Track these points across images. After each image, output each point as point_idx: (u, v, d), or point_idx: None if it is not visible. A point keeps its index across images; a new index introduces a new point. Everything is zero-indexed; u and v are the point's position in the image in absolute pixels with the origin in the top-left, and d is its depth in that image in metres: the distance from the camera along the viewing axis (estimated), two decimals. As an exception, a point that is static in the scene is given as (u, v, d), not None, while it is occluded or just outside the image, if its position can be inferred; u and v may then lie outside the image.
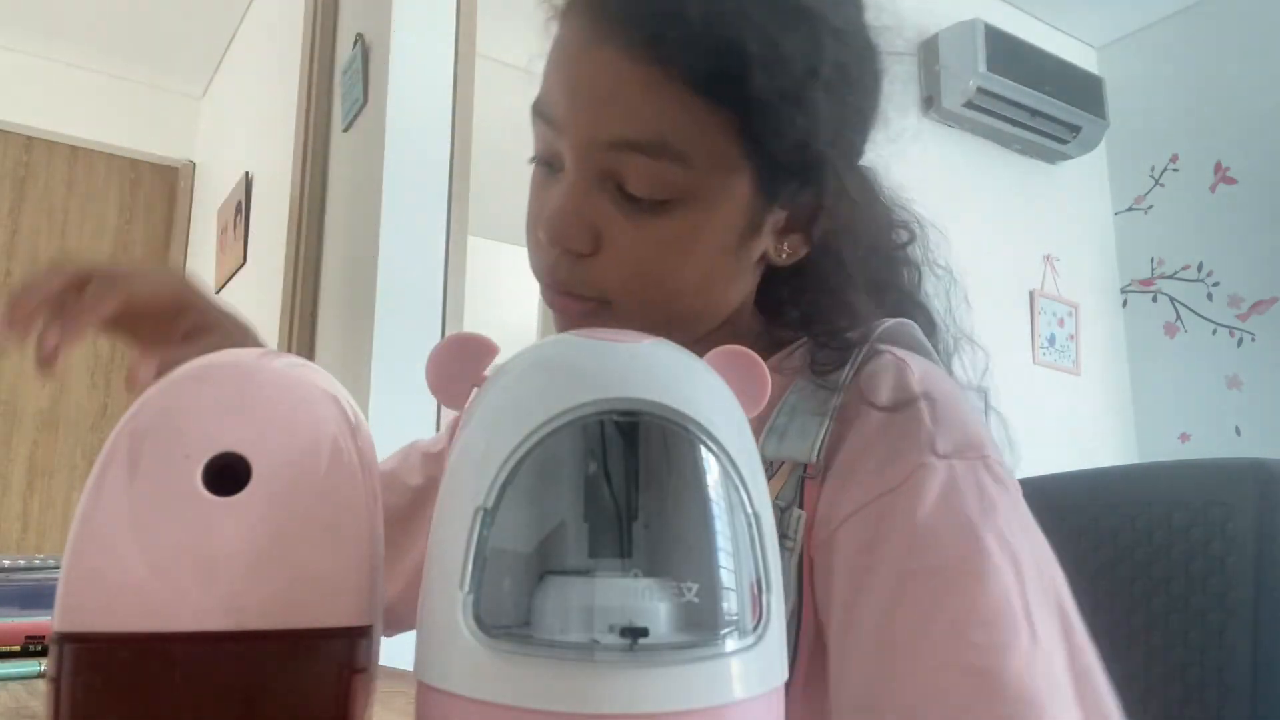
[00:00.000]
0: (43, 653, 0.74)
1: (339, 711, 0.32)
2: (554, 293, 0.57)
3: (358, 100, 1.90)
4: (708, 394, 0.31)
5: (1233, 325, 2.66)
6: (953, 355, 0.64)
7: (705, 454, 0.29)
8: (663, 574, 0.28)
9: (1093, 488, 0.86)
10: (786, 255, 0.59)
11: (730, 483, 0.29)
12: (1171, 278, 2.83)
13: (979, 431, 0.52)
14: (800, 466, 0.53)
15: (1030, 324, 2.71)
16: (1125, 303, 2.95)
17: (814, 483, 0.52)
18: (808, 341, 0.58)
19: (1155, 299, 2.87)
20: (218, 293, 3.07)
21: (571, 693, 0.26)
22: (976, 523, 0.46)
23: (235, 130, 3.27)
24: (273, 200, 2.55)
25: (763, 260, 0.59)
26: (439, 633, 0.28)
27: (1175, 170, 2.85)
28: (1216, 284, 2.71)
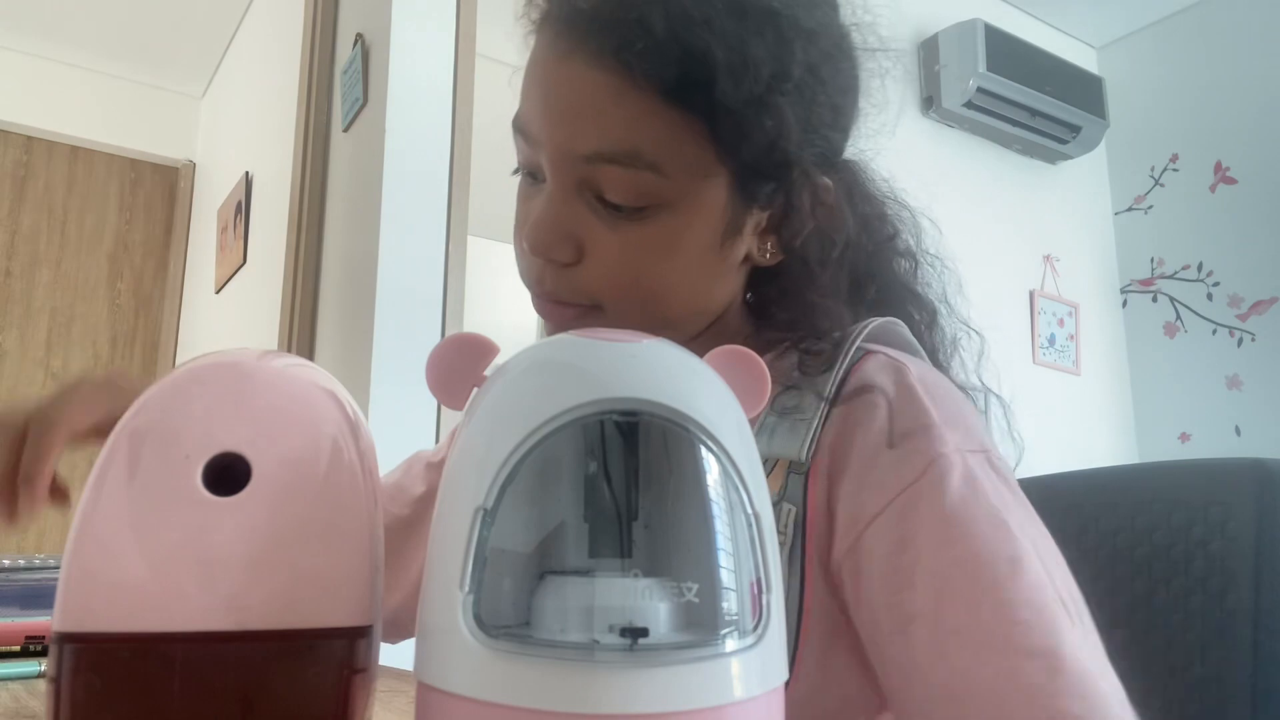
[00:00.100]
0: (43, 653, 0.74)
1: (339, 711, 0.32)
2: (543, 300, 0.58)
3: (357, 100, 1.90)
4: (708, 394, 0.30)
5: (1233, 325, 2.66)
6: (958, 342, 0.65)
7: (705, 454, 0.29)
8: (663, 574, 0.28)
9: (1093, 488, 0.86)
10: (770, 256, 0.59)
11: (730, 482, 0.29)
12: (1171, 278, 2.83)
13: (979, 428, 0.54)
14: (791, 464, 0.53)
15: (1030, 324, 2.71)
16: (1125, 303, 2.95)
17: (804, 478, 0.53)
18: (793, 342, 0.58)
19: (1155, 299, 2.87)
20: (218, 293, 3.08)
21: (571, 693, 0.26)
22: (1000, 510, 0.48)
23: (235, 130, 3.27)
24: (273, 200, 2.55)
25: (747, 261, 0.59)
26: (439, 633, 0.28)
27: (1175, 170, 2.85)
28: (1216, 284, 2.71)
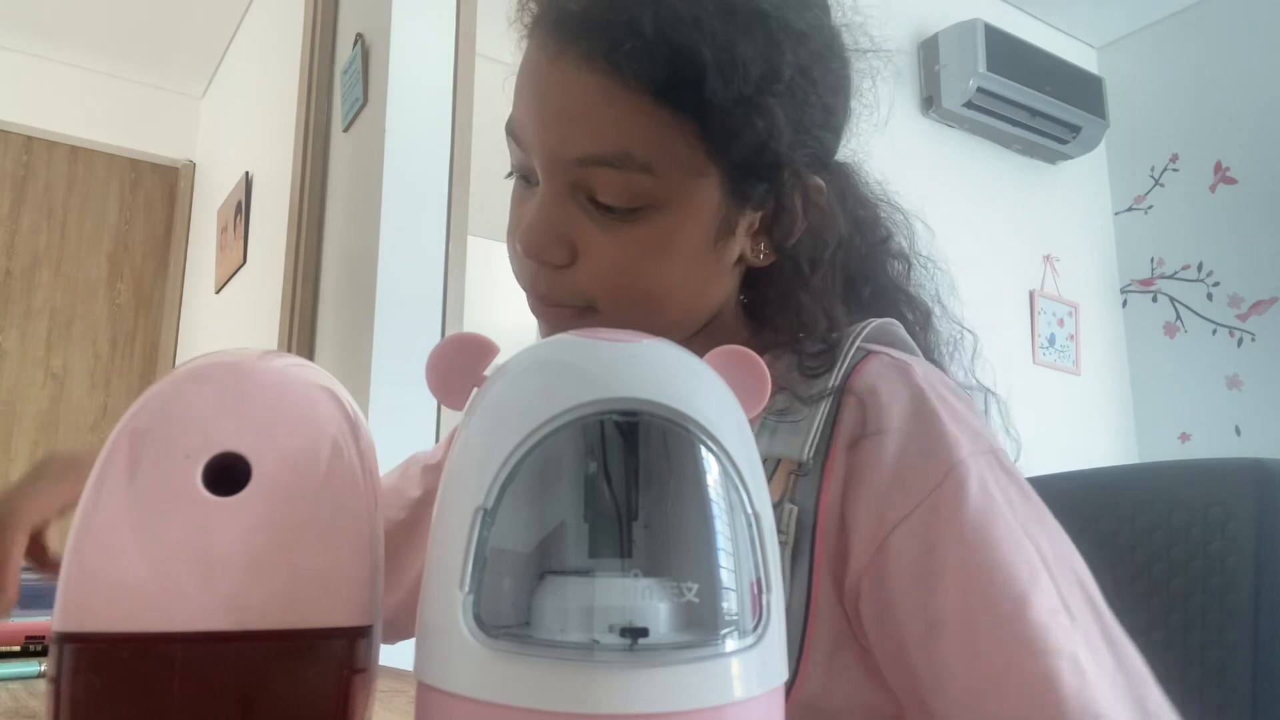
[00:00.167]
0: (43, 653, 0.74)
1: (339, 711, 0.32)
2: (538, 302, 0.58)
3: (357, 100, 1.90)
4: (708, 394, 0.30)
5: (1233, 325, 2.66)
6: (957, 341, 0.65)
7: (705, 454, 0.29)
8: (663, 574, 0.28)
9: (1093, 488, 0.86)
10: (763, 256, 0.59)
11: (730, 483, 0.29)
12: (1171, 278, 2.83)
13: (984, 426, 0.54)
14: (793, 464, 0.53)
15: (1030, 324, 2.70)
16: (1125, 303, 2.95)
17: (818, 480, 0.52)
18: (791, 344, 0.58)
19: (1155, 299, 2.87)
20: (218, 293, 3.08)
21: (571, 693, 0.26)
22: (1010, 518, 0.49)
23: (235, 130, 3.27)
24: (273, 200, 2.55)
25: (741, 262, 0.59)
26: (439, 633, 0.28)
27: (1175, 170, 2.85)
28: (1216, 284, 2.71)
